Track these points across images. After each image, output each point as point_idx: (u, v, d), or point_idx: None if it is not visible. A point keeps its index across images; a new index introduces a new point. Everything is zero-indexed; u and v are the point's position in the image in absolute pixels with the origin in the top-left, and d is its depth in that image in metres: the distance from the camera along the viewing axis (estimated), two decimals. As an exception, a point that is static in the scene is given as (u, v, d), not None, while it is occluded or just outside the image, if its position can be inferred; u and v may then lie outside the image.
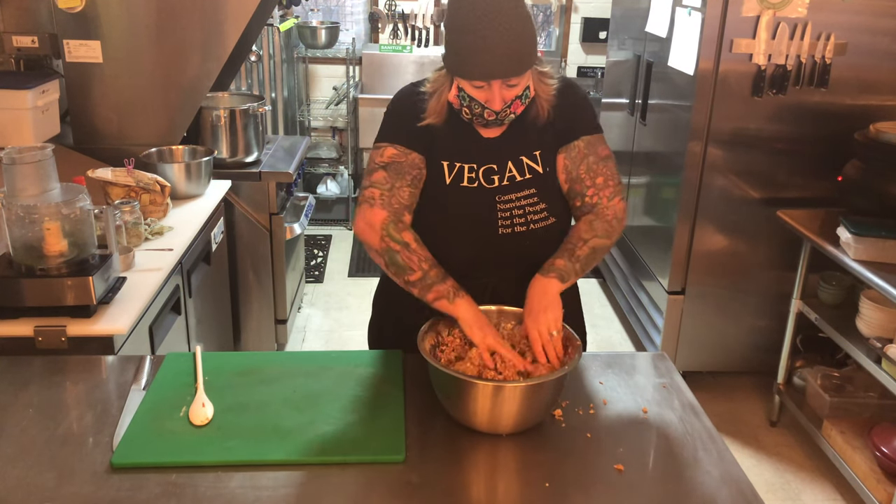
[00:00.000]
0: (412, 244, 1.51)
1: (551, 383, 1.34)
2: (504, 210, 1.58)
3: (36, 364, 1.59)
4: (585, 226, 1.57)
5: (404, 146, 1.57)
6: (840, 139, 2.85)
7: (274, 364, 1.59)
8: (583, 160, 1.59)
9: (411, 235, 1.52)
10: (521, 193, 1.58)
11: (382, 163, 1.57)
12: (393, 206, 1.54)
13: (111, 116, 2.89)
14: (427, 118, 1.55)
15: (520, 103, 1.51)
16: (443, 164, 1.58)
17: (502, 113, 1.50)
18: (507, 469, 1.33)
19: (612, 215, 1.59)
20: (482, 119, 1.51)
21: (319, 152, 5.09)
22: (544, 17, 5.28)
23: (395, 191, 1.55)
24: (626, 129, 3.82)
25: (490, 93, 1.46)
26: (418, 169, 1.57)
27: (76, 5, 2.72)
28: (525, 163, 1.58)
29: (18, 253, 1.73)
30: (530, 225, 1.59)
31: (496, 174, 1.58)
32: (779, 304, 3.09)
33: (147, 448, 1.31)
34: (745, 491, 1.26)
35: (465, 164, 1.58)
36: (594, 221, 1.57)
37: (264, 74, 4.28)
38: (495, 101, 1.47)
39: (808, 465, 2.87)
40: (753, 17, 2.79)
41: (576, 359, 1.38)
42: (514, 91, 1.48)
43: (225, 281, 2.95)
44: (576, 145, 1.59)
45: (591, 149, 1.59)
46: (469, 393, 1.32)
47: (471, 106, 1.50)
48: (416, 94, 1.59)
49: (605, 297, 4.23)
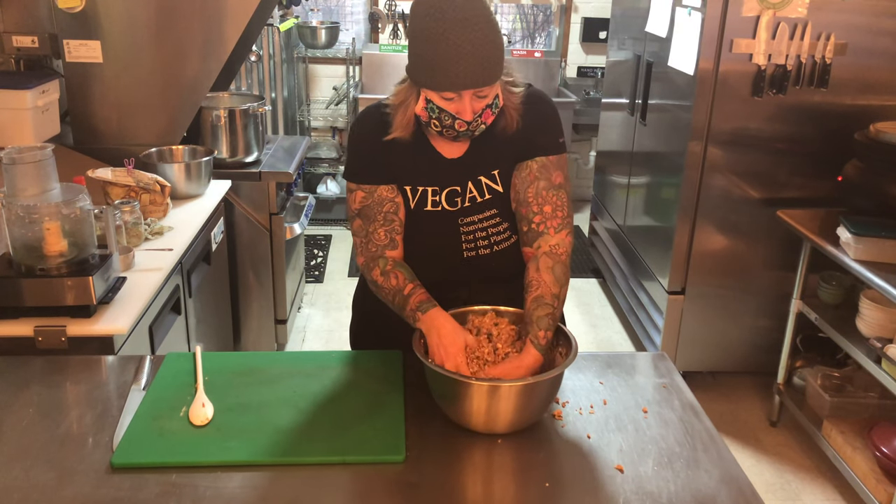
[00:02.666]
0: (378, 280, 1.55)
1: (546, 383, 1.34)
2: (468, 234, 1.58)
3: (36, 364, 1.59)
4: (550, 277, 1.48)
5: (369, 183, 1.56)
6: (840, 139, 2.85)
7: (274, 364, 1.59)
8: (532, 183, 1.53)
9: (378, 271, 1.55)
10: (482, 215, 1.57)
11: (356, 210, 1.59)
12: (370, 250, 1.58)
13: (111, 116, 2.89)
14: (393, 132, 1.51)
15: (490, 113, 1.46)
16: (406, 189, 1.57)
17: (473, 124, 1.45)
18: (507, 469, 1.33)
19: (565, 253, 1.53)
20: (452, 131, 1.46)
21: (319, 152, 5.09)
22: (544, 17, 5.28)
23: (370, 236, 1.57)
24: (626, 129, 3.82)
25: (461, 104, 1.42)
26: (389, 202, 1.56)
27: (76, 5, 2.72)
28: (484, 183, 1.56)
29: (18, 253, 1.73)
30: (494, 247, 1.59)
31: (458, 196, 1.56)
32: (779, 304, 3.09)
33: (147, 448, 1.31)
34: (745, 491, 1.26)
35: (429, 188, 1.56)
36: (555, 267, 1.49)
37: (264, 74, 4.27)
38: (466, 111, 1.42)
39: (808, 465, 2.87)
40: (753, 17, 2.79)
41: (570, 358, 1.38)
42: (484, 101, 1.43)
43: (225, 281, 2.95)
44: (528, 165, 1.54)
45: (543, 172, 1.54)
46: (464, 393, 1.32)
47: (440, 118, 1.44)
48: (379, 115, 1.55)
49: (605, 297, 4.23)
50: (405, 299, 1.50)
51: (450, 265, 1.60)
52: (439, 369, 1.34)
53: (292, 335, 3.64)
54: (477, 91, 1.41)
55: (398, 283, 1.52)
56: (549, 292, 1.47)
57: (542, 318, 1.44)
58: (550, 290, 1.47)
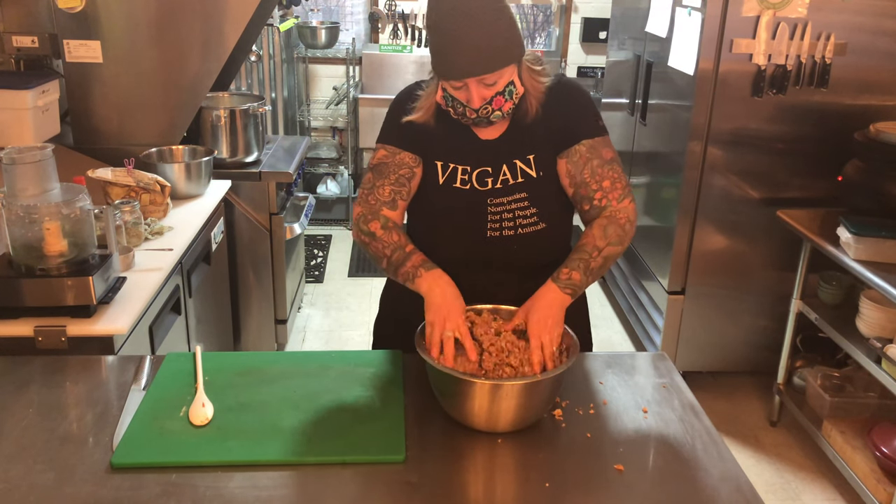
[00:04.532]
0: (378, 233, 1.54)
1: (549, 381, 1.34)
2: (494, 213, 1.57)
3: (36, 364, 1.59)
4: (599, 231, 1.53)
5: (395, 146, 1.58)
6: (840, 139, 2.85)
7: (274, 364, 1.59)
8: (586, 164, 1.56)
9: (378, 224, 1.54)
10: (512, 197, 1.57)
11: (372, 165, 1.61)
12: (369, 202, 1.57)
13: (111, 116, 2.89)
14: (414, 115, 1.55)
15: (503, 100, 1.47)
16: (437, 164, 1.58)
17: (483, 111, 1.47)
18: (507, 469, 1.33)
19: (625, 218, 1.56)
20: (465, 118, 1.50)
21: (319, 152, 5.09)
22: (544, 17, 5.28)
23: (375, 189, 1.57)
24: (627, 129, 3.82)
25: (467, 92, 1.44)
26: (407, 168, 1.58)
27: (76, 5, 2.72)
28: (518, 166, 1.57)
29: (18, 253, 1.73)
30: (518, 229, 1.58)
31: (490, 177, 1.56)
32: (779, 304, 3.09)
33: (147, 448, 1.31)
34: (745, 491, 1.26)
35: (460, 166, 1.57)
36: (608, 227, 1.53)
37: (264, 74, 4.28)
38: (474, 99, 1.45)
39: (808, 465, 2.87)
40: (753, 17, 2.79)
41: (572, 357, 1.38)
42: (494, 89, 1.45)
43: (225, 281, 2.95)
44: (577, 150, 1.56)
45: (593, 152, 1.56)
46: (466, 391, 1.32)
47: (454, 105, 1.49)
48: (413, 94, 1.60)
49: (605, 297, 4.23)
50: (406, 255, 1.50)
51: (471, 243, 1.60)
52: (443, 368, 1.34)
53: (292, 335, 3.64)
54: (481, 79, 1.42)
55: (400, 240, 1.53)
56: (591, 243, 1.51)
57: (572, 260, 1.49)
58: (594, 241, 1.51)
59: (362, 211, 1.58)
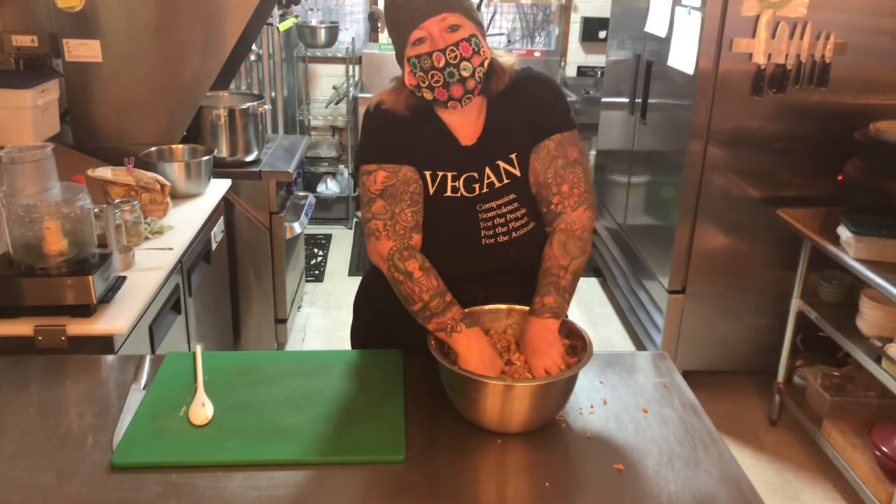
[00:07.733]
0: (416, 273, 1.46)
1: (561, 383, 1.35)
2: (486, 220, 1.56)
3: (36, 364, 1.59)
4: (560, 250, 1.51)
5: (392, 163, 1.52)
6: (840, 138, 2.85)
7: (274, 364, 1.59)
8: (551, 163, 1.54)
9: (416, 264, 1.47)
10: (501, 201, 1.56)
11: (378, 191, 1.51)
12: (398, 233, 1.49)
13: (111, 116, 2.89)
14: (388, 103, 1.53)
15: (469, 48, 1.43)
16: (426, 174, 1.55)
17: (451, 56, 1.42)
18: (508, 469, 1.33)
19: (581, 229, 1.54)
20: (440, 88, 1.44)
21: (319, 151, 5.09)
22: (544, 17, 5.28)
23: (397, 217, 1.50)
24: (626, 129, 3.82)
25: (432, 40, 1.42)
26: (414, 182, 1.53)
27: (76, 5, 2.72)
28: (502, 167, 1.56)
29: (18, 252, 1.73)
30: (512, 233, 1.57)
31: (476, 182, 1.55)
32: (779, 303, 3.09)
33: (147, 448, 1.31)
34: (745, 490, 1.26)
35: (449, 172, 1.55)
36: (567, 242, 1.51)
37: (264, 74, 4.27)
38: (438, 42, 1.41)
39: (808, 464, 2.87)
40: (753, 16, 2.79)
41: (585, 359, 1.38)
42: (458, 34, 1.43)
43: (225, 280, 2.95)
44: (545, 146, 1.55)
45: (560, 150, 1.55)
46: (479, 392, 1.33)
47: (423, 67, 1.43)
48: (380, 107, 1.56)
49: (605, 297, 4.23)
50: (447, 306, 1.44)
51: (468, 254, 1.58)
52: (455, 368, 1.35)
53: (292, 334, 3.63)
54: (443, 20, 1.42)
55: (439, 286, 1.47)
56: (556, 264, 1.50)
57: (542, 286, 1.48)
58: (558, 262, 1.51)
59: (395, 246, 1.48)
